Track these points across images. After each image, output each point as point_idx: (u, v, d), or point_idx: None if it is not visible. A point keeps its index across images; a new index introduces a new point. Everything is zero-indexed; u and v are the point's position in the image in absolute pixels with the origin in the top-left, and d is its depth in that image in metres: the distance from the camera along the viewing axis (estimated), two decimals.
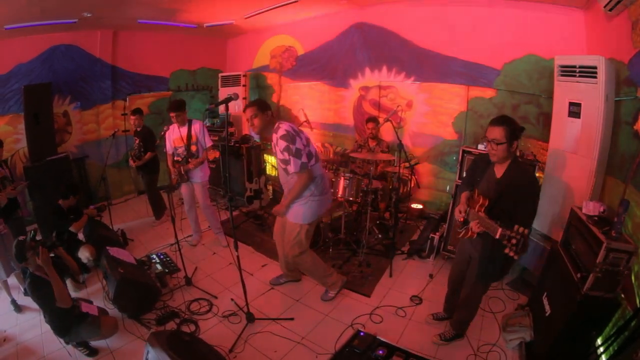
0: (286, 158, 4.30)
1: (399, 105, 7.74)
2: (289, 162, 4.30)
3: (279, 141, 4.28)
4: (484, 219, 3.32)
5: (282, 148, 4.28)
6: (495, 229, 3.13)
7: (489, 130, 3.45)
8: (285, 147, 4.26)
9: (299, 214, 4.63)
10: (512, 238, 2.97)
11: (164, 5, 7.22)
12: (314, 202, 4.62)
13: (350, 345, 4.02)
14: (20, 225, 5.87)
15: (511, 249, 2.98)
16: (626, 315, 3.28)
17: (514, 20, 6.23)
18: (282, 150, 4.29)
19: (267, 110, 4.45)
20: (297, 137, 4.32)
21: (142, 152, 7.47)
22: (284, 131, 4.28)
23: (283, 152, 4.30)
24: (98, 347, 4.31)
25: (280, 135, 4.27)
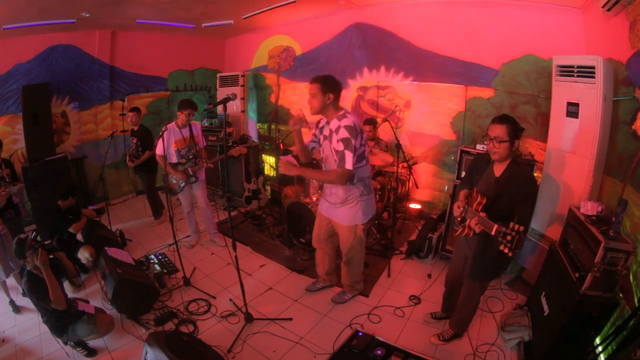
0: (340, 148, 4.08)
1: (397, 106, 7.76)
2: (342, 154, 4.06)
3: (342, 130, 4.06)
4: (484, 218, 3.31)
5: (341, 137, 4.05)
6: (491, 225, 3.14)
7: (491, 128, 3.45)
8: (345, 139, 4.03)
9: (356, 215, 4.50)
10: (507, 235, 2.97)
11: (163, 5, 7.21)
12: (365, 201, 4.50)
13: (349, 345, 4.03)
14: (19, 225, 5.86)
15: (505, 245, 2.97)
16: (624, 314, 3.29)
17: (513, 20, 6.23)
18: (340, 139, 4.06)
19: (329, 93, 4.14)
20: (360, 135, 4.16)
21: (139, 151, 7.48)
22: (350, 122, 4.08)
23: (339, 142, 4.07)
24: (96, 347, 4.31)
25: (345, 124, 4.06)
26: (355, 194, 4.42)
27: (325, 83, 4.14)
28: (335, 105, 4.23)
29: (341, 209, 4.50)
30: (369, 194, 4.56)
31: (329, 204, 4.65)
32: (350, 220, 4.53)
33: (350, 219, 4.52)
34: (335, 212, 4.59)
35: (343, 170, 4.07)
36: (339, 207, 4.51)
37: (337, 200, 4.49)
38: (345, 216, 4.52)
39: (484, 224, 3.25)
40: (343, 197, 4.43)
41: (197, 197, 6.52)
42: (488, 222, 3.20)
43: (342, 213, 4.53)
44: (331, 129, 4.21)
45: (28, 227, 7.14)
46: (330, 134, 4.22)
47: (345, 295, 5.27)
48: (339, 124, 4.10)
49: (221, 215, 7.64)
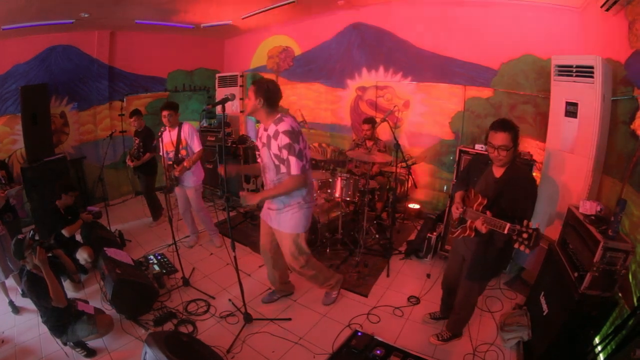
0: (284, 156, 3.95)
1: (395, 106, 7.76)
2: (286, 161, 3.94)
3: (281, 136, 3.90)
4: (490, 218, 3.31)
5: (283, 144, 3.90)
6: (503, 224, 3.13)
7: (495, 136, 3.39)
8: (287, 145, 3.89)
9: (297, 223, 4.34)
10: (522, 232, 2.97)
11: (162, 6, 7.21)
12: (308, 209, 4.39)
13: (348, 345, 4.03)
14: (18, 225, 5.86)
15: (522, 243, 2.97)
16: (624, 314, 3.29)
17: (511, 20, 6.23)
18: (282, 146, 3.92)
19: (259, 97, 3.99)
20: (300, 136, 4.04)
21: (141, 152, 7.46)
22: (288, 126, 3.94)
23: (282, 149, 3.93)
24: (96, 347, 4.31)
25: (283, 130, 3.91)
26: (298, 201, 4.29)
27: (257, 86, 4.05)
28: (269, 109, 4.09)
29: (281, 216, 4.35)
30: (312, 202, 4.47)
31: (269, 210, 4.50)
32: (290, 228, 4.37)
33: (290, 226, 4.36)
34: (275, 218, 4.43)
35: (292, 176, 4.00)
36: (278, 213, 4.37)
37: (279, 206, 4.32)
38: (285, 223, 4.35)
39: (494, 223, 3.24)
40: (286, 201, 4.28)
41: (190, 201, 6.49)
42: (498, 222, 3.19)
43: (282, 219, 4.36)
44: (269, 135, 4.07)
45: (27, 227, 7.14)
46: (268, 140, 4.08)
47: (330, 294, 5.24)
48: (276, 129, 3.98)
49: (220, 215, 7.64)
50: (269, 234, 4.71)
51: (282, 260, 4.86)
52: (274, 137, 3.98)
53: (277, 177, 4.17)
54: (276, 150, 4.00)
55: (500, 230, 3.16)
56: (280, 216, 4.34)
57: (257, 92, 4.01)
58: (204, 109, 5.41)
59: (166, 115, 6.02)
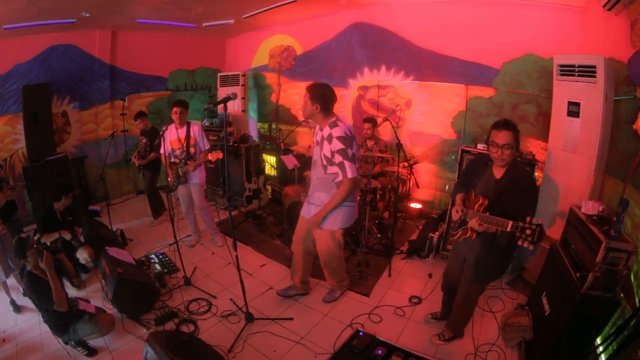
0: (336, 160, 4.11)
1: (397, 105, 7.75)
2: (342, 166, 4.10)
3: (335, 141, 4.09)
4: (487, 216, 3.31)
5: (336, 149, 4.08)
6: (505, 222, 3.14)
7: (498, 135, 3.40)
8: (342, 150, 4.06)
9: (335, 220, 4.45)
10: (525, 229, 2.97)
11: (163, 5, 7.21)
12: (347, 207, 4.46)
13: (350, 345, 4.02)
14: (18, 225, 5.86)
15: (526, 239, 2.97)
16: (625, 314, 3.29)
17: (513, 19, 6.23)
18: (336, 150, 4.09)
19: (316, 103, 4.17)
20: (354, 141, 4.21)
21: (147, 151, 7.52)
22: (342, 132, 4.12)
23: (335, 154, 4.09)
24: (97, 347, 4.31)
25: (337, 135, 4.09)
26: None
27: (313, 93, 4.21)
28: (325, 113, 4.25)
29: None
30: (353, 202, 4.54)
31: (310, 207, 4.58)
32: (329, 225, 4.48)
33: (329, 223, 4.46)
34: None
35: (349, 179, 4.12)
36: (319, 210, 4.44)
37: (320, 204, 4.43)
38: (328, 219, 4.44)
39: (495, 222, 3.24)
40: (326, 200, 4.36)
41: (193, 199, 6.52)
42: (500, 220, 3.20)
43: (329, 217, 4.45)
44: (323, 136, 4.23)
45: (28, 227, 7.15)
46: (322, 140, 4.24)
47: (335, 292, 5.28)
48: (331, 133, 4.14)
49: (222, 214, 7.65)
50: (304, 229, 4.80)
51: (309, 259, 5.02)
52: (328, 139, 4.16)
53: (323, 175, 4.34)
54: (328, 152, 4.17)
55: (503, 228, 3.15)
56: None
57: (313, 98, 4.19)
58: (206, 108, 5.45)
59: (177, 112, 6.08)
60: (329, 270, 5.02)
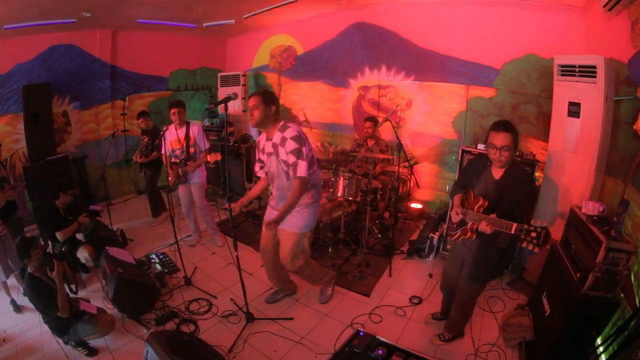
0: (292, 161, 4.04)
1: (398, 105, 7.75)
2: (295, 165, 4.04)
3: (289, 142, 4.03)
4: (494, 219, 3.31)
5: (290, 149, 4.02)
6: (509, 224, 3.14)
7: (496, 137, 3.40)
8: (296, 150, 4.01)
9: (302, 223, 4.40)
10: (530, 232, 2.99)
11: (164, 5, 7.21)
12: (315, 209, 4.48)
13: (350, 345, 4.01)
14: (19, 225, 5.86)
15: (530, 242, 2.98)
16: (626, 314, 3.29)
17: (514, 19, 6.23)
18: (290, 151, 4.03)
19: (271, 105, 4.11)
20: (307, 141, 4.16)
21: (149, 150, 7.54)
22: (295, 132, 4.07)
23: (289, 154, 4.03)
24: (97, 347, 4.32)
25: (291, 136, 4.04)
26: (307, 200, 4.37)
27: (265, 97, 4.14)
28: (277, 117, 4.22)
29: (294, 215, 4.34)
30: (318, 202, 4.54)
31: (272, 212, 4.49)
32: (299, 227, 4.41)
33: (299, 225, 4.40)
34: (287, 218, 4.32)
35: (299, 179, 4.07)
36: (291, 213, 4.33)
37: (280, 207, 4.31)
38: (293, 222, 4.37)
39: (499, 224, 3.24)
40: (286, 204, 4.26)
41: (194, 198, 6.53)
42: (504, 222, 3.20)
43: (293, 219, 4.35)
44: (275, 143, 4.17)
45: (28, 227, 7.17)
46: (275, 147, 4.17)
47: (326, 291, 5.28)
48: (283, 136, 4.09)
49: (222, 214, 7.65)
50: (270, 234, 4.68)
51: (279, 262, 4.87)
52: (281, 144, 4.08)
53: (287, 182, 4.24)
54: (284, 156, 4.09)
55: (507, 231, 3.16)
56: (291, 216, 4.33)
57: (267, 101, 4.11)
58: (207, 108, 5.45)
59: (176, 112, 6.10)
60: (303, 277, 4.94)
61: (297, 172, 4.05)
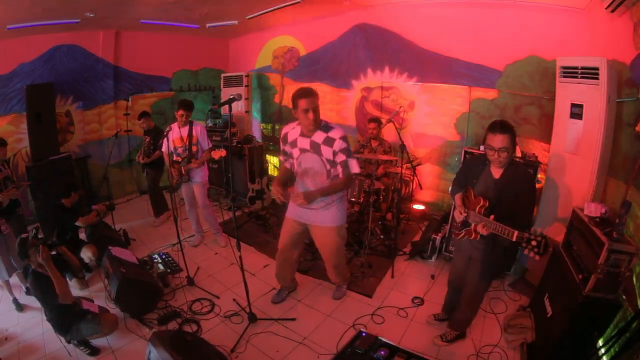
0: (342, 159, 4.14)
1: (401, 106, 7.74)
2: (346, 163, 4.16)
3: (338, 142, 4.08)
4: (493, 222, 3.31)
5: (341, 148, 4.09)
6: (511, 232, 3.14)
7: (494, 139, 3.40)
8: (346, 149, 4.13)
9: (342, 215, 4.57)
10: (531, 240, 3.00)
11: (167, 6, 7.23)
12: (344, 201, 4.61)
13: (352, 345, 4.03)
14: (22, 224, 5.87)
15: (532, 250, 3.00)
16: (627, 316, 3.28)
17: (516, 21, 6.22)
18: (340, 150, 4.10)
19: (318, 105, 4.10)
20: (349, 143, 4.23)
21: (151, 150, 7.55)
22: (343, 132, 4.15)
23: (340, 153, 4.11)
24: (100, 346, 4.32)
25: (340, 136, 4.09)
26: (340, 195, 4.49)
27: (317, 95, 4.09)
28: None
29: (327, 211, 4.45)
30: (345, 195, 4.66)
31: (306, 209, 4.48)
32: (338, 220, 4.53)
33: (338, 218, 4.52)
34: (318, 215, 4.48)
35: (349, 176, 4.27)
36: (322, 209, 4.43)
37: (321, 204, 4.38)
38: (332, 217, 4.48)
39: (501, 230, 3.23)
40: (329, 198, 4.38)
41: (196, 198, 6.54)
42: (505, 228, 3.19)
43: (328, 215, 4.46)
44: (315, 142, 4.17)
45: (31, 226, 7.18)
46: (316, 146, 4.18)
47: (342, 288, 5.36)
48: (328, 136, 4.12)
49: (225, 215, 7.66)
50: (295, 233, 4.75)
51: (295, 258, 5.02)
52: (326, 143, 4.14)
53: (328, 180, 4.31)
54: (330, 155, 4.15)
55: (509, 238, 3.16)
56: (326, 212, 4.45)
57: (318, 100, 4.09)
58: (211, 108, 5.47)
59: (183, 114, 6.10)
60: (337, 270, 5.01)
61: (352, 169, 4.25)
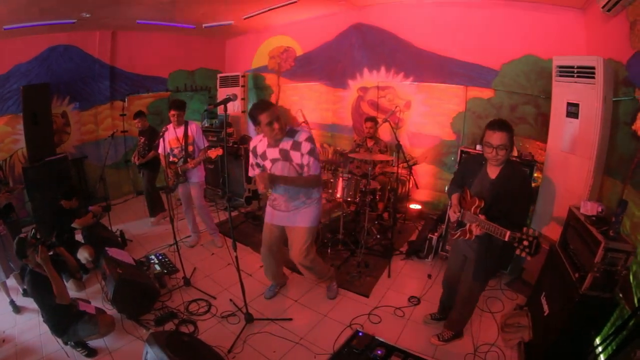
0: (305, 162, 4.18)
1: (397, 106, 7.75)
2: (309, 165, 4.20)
3: (304, 144, 4.12)
4: (485, 222, 3.33)
5: (307, 150, 4.12)
6: (503, 231, 3.15)
7: (492, 136, 3.40)
8: (311, 150, 4.14)
9: (314, 217, 4.57)
10: (523, 240, 3.00)
11: (163, 6, 7.22)
12: (321, 204, 4.64)
13: (349, 345, 4.03)
14: (17, 226, 5.86)
15: (523, 250, 3.00)
16: (624, 314, 3.29)
17: (512, 20, 6.24)
18: (307, 152, 4.13)
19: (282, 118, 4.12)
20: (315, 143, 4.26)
21: (146, 150, 7.54)
22: (308, 134, 4.19)
23: (306, 155, 4.14)
24: (97, 347, 4.31)
25: (305, 138, 4.13)
26: (315, 196, 4.55)
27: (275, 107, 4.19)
28: None
29: (304, 211, 4.51)
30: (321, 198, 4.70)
31: (282, 212, 4.56)
32: (313, 221, 4.57)
33: (313, 219, 4.56)
34: (296, 216, 4.53)
35: (317, 175, 4.29)
36: (300, 209, 4.50)
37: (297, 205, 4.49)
38: (308, 217, 4.53)
39: (493, 230, 3.26)
40: (304, 199, 4.48)
41: (193, 198, 6.53)
42: (498, 228, 3.21)
43: (305, 215, 4.52)
44: (284, 149, 4.21)
45: (27, 227, 7.15)
46: (285, 153, 4.22)
47: (332, 287, 5.35)
48: (295, 140, 4.17)
49: (222, 215, 7.65)
50: (275, 236, 4.80)
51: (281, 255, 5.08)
52: (294, 148, 4.17)
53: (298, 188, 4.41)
54: (299, 159, 4.19)
55: (501, 238, 3.18)
56: (300, 213, 4.51)
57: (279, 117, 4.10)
58: (206, 109, 5.47)
59: (175, 114, 6.09)
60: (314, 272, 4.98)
61: (312, 170, 4.23)
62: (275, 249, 4.90)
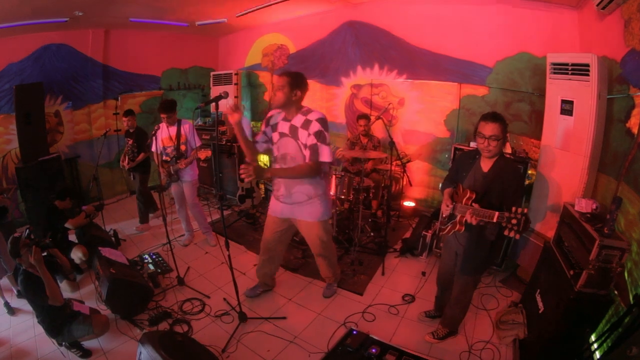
0: (313, 143, 4.01)
1: (390, 103, 7.75)
2: (316, 148, 4.03)
3: (314, 123, 3.98)
4: (477, 209, 3.35)
5: (314, 131, 3.98)
6: (492, 213, 3.21)
7: (485, 127, 3.45)
8: (319, 132, 3.98)
9: (326, 210, 4.54)
10: (511, 219, 3.06)
11: (156, 4, 7.19)
12: (328, 197, 4.60)
13: (343, 343, 4.02)
14: (11, 228, 5.83)
15: (512, 229, 3.06)
16: (619, 311, 3.30)
17: (506, 18, 6.24)
18: (314, 132, 3.98)
19: (296, 90, 3.99)
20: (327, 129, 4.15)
21: (135, 153, 7.45)
22: (321, 114, 4.06)
23: (312, 135, 3.99)
24: (91, 348, 4.29)
25: (317, 117, 4.00)
26: (319, 192, 4.41)
27: (294, 78, 4.04)
28: (298, 104, 4.14)
29: (312, 205, 4.43)
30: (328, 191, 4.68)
31: (289, 205, 4.49)
32: (323, 215, 4.53)
33: (323, 213, 4.52)
34: (303, 210, 4.47)
35: (316, 163, 4.07)
36: (307, 203, 4.41)
37: (303, 198, 4.38)
38: (317, 212, 4.47)
39: (482, 214, 3.31)
40: (312, 192, 4.35)
41: (185, 197, 6.51)
42: (486, 212, 3.27)
43: (313, 209, 4.45)
44: (295, 125, 4.12)
45: (21, 227, 7.12)
46: (294, 130, 4.13)
47: (333, 285, 5.35)
48: (307, 118, 4.05)
49: (215, 214, 7.63)
50: (278, 230, 4.77)
51: (279, 255, 5.04)
52: (304, 126, 4.05)
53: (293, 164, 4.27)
54: (305, 139, 4.06)
55: (490, 219, 3.23)
56: (309, 206, 4.43)
57: (294, 84, 4.01)
58: (197, 107, 5.46)
59: (165, 117, 6.07)
60: (325, 262, 5.01)
61: (321, 156, 4.07)
62: (276, 243, 4.89)
